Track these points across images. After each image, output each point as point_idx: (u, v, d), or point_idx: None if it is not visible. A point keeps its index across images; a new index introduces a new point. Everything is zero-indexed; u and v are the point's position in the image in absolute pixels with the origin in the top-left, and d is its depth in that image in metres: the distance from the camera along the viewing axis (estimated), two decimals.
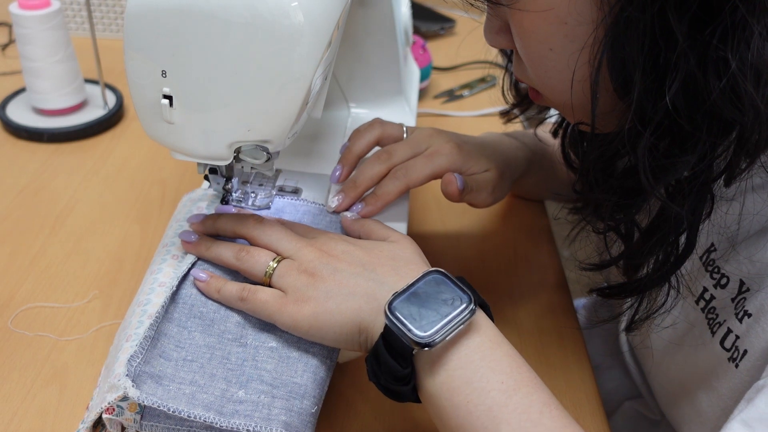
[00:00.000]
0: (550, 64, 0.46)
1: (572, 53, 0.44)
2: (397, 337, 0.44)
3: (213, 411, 0.47)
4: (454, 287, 0.46)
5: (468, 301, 0.45)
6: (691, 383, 0.54)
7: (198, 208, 0.59)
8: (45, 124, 0.87)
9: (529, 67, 0.48)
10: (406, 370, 0.44)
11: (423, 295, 0.45)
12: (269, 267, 0.51)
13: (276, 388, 0.48)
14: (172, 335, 0.50)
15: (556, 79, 0.46)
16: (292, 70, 0.45)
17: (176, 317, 0.51)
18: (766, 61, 0.38)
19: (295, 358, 0.50)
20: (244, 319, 0.52)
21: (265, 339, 0.51)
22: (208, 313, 0.52)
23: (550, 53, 0.45)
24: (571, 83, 0.45)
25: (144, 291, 0.53)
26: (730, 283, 0.50)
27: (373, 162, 0.60)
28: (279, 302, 0.49)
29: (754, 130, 0.39)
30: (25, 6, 0.82)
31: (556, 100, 0.50)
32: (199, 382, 0.48)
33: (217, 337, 0.51)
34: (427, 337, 0.43)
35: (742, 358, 0.48)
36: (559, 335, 0.65)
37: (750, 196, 0.47)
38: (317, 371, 0.50)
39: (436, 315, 0.44)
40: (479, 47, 1.22)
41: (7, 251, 0.69)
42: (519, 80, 0.55)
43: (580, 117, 0.48)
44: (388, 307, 0.44)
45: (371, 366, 0.46)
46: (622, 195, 0.46)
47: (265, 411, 0.47)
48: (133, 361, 0.47)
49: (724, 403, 0.50)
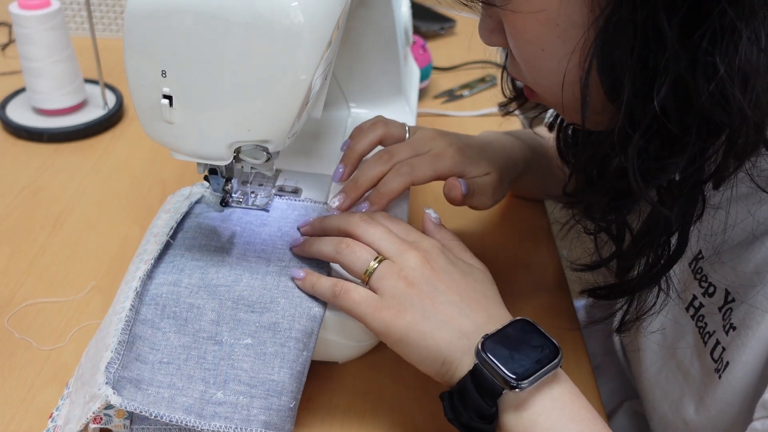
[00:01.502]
0: (542, 64, 0.46)
1: (564, 54, 0.44)
2: (488, 377, 0.45)
3: (193, 414, 0.47)
4: (542, 336, 0.48)
5: (557, 350, 0.47)
6: (680, 391, 0.54)
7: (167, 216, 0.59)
8: (45, 124, 0.87)
9: (522, 66, 0.48)
10: (492, 409, 0.46)
11: (513, 340, 0.47)
12: (370, 266, 0.51)
13: (254, 387, 0.49)
14: (146, 337, 0.50)
15: (548, 78, 0.46)
16: (292, 70, 0.45)
17: (149, 318, 0.51)
18: (753, 66, 0.38)
19: (271, 354, 0.50)
20: (218, 316, 0.51)
21: (240, 335, 0.51)
22: (181, 312, 0.52)
23: (542, 53, 0.45)
24: (562, 83, 0.45)
25: (119, 300, 0.53)
26: (716, 293, 0.51)
27: (375, 162, 0.60)
28: (374, 305, 0.49)
29: (740, 134, 0.39)
30: (25, 6, 0.82)
31: (550, 98, 0.50)
32: (177, 385, 0.49)
33: (192, 337, 0.51)
34: (519, 378, 0.45)
35: (725, 369, 0.48)
36: (559, 335, 0.64)
37: (734, 205, 0.47)
38: (293, 366, 0.50)
39: (527, 359, 0.46)
40: (479, 47, 1.22)
41: (7, 251, 0.69)
42: (514, 78, 0.55)
43: (572, 117, 0.48)
44: (482, 346, 0.46)
45: (451, 403, 0.48)
46: (613, 196, 0.47)
47: (244, 412, 0.48)
48: (111, 368, 0.47)
49: (709, 414, 0.51)
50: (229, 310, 0.52)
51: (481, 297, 0.51)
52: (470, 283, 0.51)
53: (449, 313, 0.49)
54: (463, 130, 0.69)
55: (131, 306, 0.51)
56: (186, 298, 0.52)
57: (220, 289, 0.52)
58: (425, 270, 0.51)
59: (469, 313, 0.49)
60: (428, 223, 0.57)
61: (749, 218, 0.47)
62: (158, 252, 0.55)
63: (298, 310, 0.52)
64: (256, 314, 0.51)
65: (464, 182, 0.60)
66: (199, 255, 0.55)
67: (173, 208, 0.59)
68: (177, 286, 0.53)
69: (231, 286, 0.53)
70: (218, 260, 0.55)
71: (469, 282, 0.51)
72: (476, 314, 0.49)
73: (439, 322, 0.48)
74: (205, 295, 0.52)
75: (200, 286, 0.53)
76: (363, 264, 0.51)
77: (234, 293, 0.52)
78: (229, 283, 0.53)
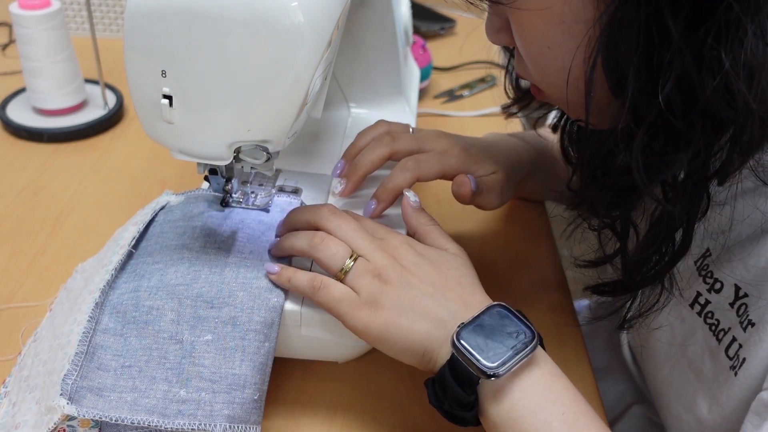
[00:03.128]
0: (548, 62, 0.46)
1: (569, 51, 0.44)
2: (463, 367, 0.46)
3: (156, 414, 0.48)
4: (518, 321, 0.48)
5: (532, 335, 0.47)
6: (692, 391, 0.54)
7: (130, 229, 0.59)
8: (45, 124, 0.87)
9: (528, 64, 0.48)
10: (471, 398, 0.46)
11: (488, 327, 0.47)
12: (346, 265, 0.51)
13: (216, 382, 0.49)
14: (109, 345, 0.51)
15: (554, 76, 0.47)
16: (292, 69, 0.45)
17: (111, 327, 0.51)
18: (759, 61, 0.38)
19: (231, 348, 0.50)
20: (178, 315, 0.51)
21: (201, 333, 0.51)
22: (140, 316, 0.52)
23: (548, 51, 0.45)
24: (567, 80, 0.45)
25: (81, 310, 0.53)
26: (724, 288, 0.50)
27: (374, 145, 0.60)
28: (352, 303, 0.50)
29: (746, 129, 0.39)
30: (25, 6, 0.82)
31: (556, 96, 0.50)
32: (140, 387, 0.49)
33: (153, 338, 0.51)
34: (494, 367, 0.45)
35: (741, 366, 0.48)
36: (559, 335, 0.65)
37: (741, 200, 0.47)
38: (254, 358, 0.50)
39: (502, 347, 0.46)
40: (479, 47, 1.22)
41: (7, 251, 0.69)
42: (520, 77, 0.55)
43: (578, 113, 0.48)
44: (456, 337, 0.46)
45: (434, 391, 0.48)
46: (617, 192, 0.47)
47: (207, 408, 0.48)
48: (68, 379, 0.48)
49: (724, 411, 0.50)
50: (188, 308, 0.52)
51: (455, 284, 0.51)
52: (443, 272, 0.51)
53: (425, 305, 0.49)
54: (463, 131, 0.69)
55: (90, 317, 0.51)
56: (145, 301, 0.52)
57: (179, 288, 0.52)
58: (395, 266, 0.51)
59: (444, 303, 0.49)
60: (407, 207, 0.57)
61: (756, 213, 0.47)
62: (120, 263, 0.55)
63: (257, 302, 0.52)
64: (215, 310, 0.51)
65: (473, 179, 0.60)
66: (159, 257, 0.55)
67: (141, 221, 0.59)
68: (137, 291, 0.53)
69: (189, 284, 0.53)
70: (177, 259, 0.54)
71: (441, 271, 0.51)
72: (451, 302, 0.50)
73: (416, 315, 0.49)
74: (164, 295, 0.52)
75: (159, 288, 0.53)
76: (339, 262, 0.51)
77: (193, 291, 0.52)
78: (188, 281, 0.53)
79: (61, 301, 0.60)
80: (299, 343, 0.55)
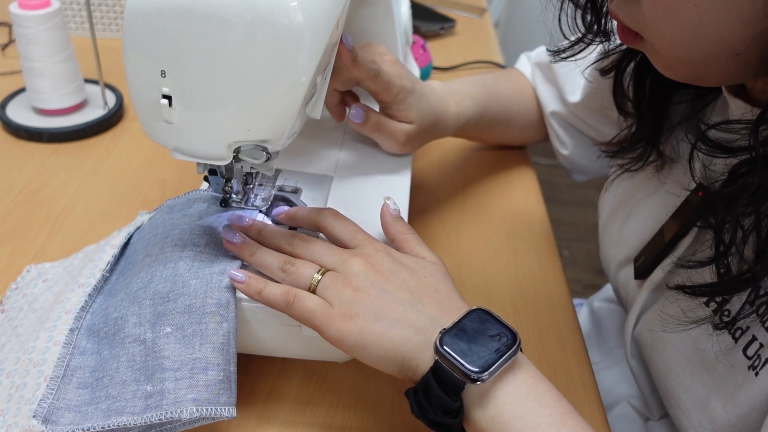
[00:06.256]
0: (689, 19, 0.43)
1: (721, 12, 0.41)
2: (448, 372, 0.45)
3: (126, 414, 0.48)
4: (499, 324, 0.48)
5: (514, 337, 0.47)
6: (705, 389, 0.53)
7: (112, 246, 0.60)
8: (45, 124, 0.87)
9: (654, 16, 0.44)
10: (456, 404, 0.46)
11: (471, 331, 0.47)
12: (314, 279, 0.50)
13: (178, 370, 0.49)
14: (87, 365, 0.52)
15: (689, 35, 0.43)
16: (292, 69, 0.45)
17: (89, 348, 0.53)
18: None
19: (190, 335, 0.50)
20: (139, 318, 0.52)
21: (160, 327, 0.51)
22: (110, 329, 0.53)
23: (694, 8, 0.42)
24: (711, 40, 0.42)
25: (51, 318, 0.54)
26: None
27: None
28: (326, 314, 0.49)
29: None
30: (25, 6, 0.82)
31: (672, 52, 0.46)
32: (113, 394, 0.50)
33: (120, 345, 0.52)
34: (479, 371, 0.45)
35: (763, 366, 0.48)
36: (559, 335, 0.65)
37: None
38: (213, 339, 0.50)
39: (485, 350, 0.46)
40: (479, 47, 1.22)
41: (7, 251, 0.69)
42: (614, 17, 0.49)
43: (681, 72, 0.46)
44: (439, 342, 0.46)
45: (417, 400, 0.47)
46: (757, 190, 0.43)
47: (171, 396, 0.49)
48: (43, 404, 0.49)
49: (740, 411, 0.50)
50: (147, 308, 0.52)
51: (432, 291, 0.50)
52: (420, 279, 0.51)
53: (401, 311, 0.48)
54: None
55: (65, 342, 0.52)
56: (112, 314, 0.53)
57: (139, 293, 0.53)
58: (370, 274, 0.50)
59: (421, 309, 0.49)
60: (386, 215, 0.56)
61: None
62: (96, 289, 0.56)
63: (209, 285, 0.52)
64: (171, 302, 0.52)
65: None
66: (129, 272, 0.56)
67: (117, 244, 0.60)
68: (107, 309, 0.54)
69: (147, 285, 0.53)
70: (140, 268, 0.55)
71: (418, 278, 0.51)
72: (429, 308, 0.49)
73: (392, 321, 0.48)
74: (127, 304, 0.53)
75: (123, 299, 0.53)
76: (307, 279, 0.51)
77: (150, 291, 0.52)
78: (146, 283, 0.53)
79: (19, 306, 0.59)
80: (299, 343, 0.55)
